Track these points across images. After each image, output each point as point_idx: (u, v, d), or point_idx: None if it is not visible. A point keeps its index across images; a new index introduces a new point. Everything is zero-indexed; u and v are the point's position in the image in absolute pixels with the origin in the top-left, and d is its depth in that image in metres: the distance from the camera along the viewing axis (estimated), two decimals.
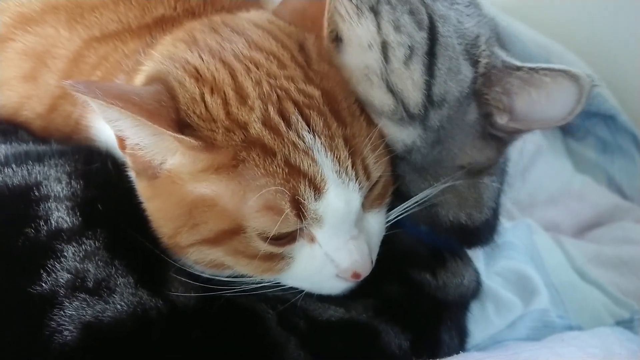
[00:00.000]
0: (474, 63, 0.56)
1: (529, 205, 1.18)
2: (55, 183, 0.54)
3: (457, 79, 0.56)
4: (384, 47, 0.55)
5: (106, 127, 0.62)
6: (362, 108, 0.55)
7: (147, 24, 0.63)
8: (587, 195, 1.21)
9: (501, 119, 0.57)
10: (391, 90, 0.55)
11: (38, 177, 0.55)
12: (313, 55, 0.53)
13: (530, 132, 0.59)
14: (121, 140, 0.50)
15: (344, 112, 0.51)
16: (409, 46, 0.55)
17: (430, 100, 0.55)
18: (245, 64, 0.50)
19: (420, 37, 0.55)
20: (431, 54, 0.55)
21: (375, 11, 0.56)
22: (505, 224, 0.76)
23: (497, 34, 0.60)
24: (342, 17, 0.57)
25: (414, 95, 0.55)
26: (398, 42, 0.55)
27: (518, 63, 0.55)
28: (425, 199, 0.57)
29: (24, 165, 0.56)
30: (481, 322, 0.79)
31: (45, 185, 0.54)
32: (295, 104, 0.49)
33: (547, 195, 1.21)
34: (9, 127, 0.67)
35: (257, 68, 0.50)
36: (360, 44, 0.56)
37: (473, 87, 0.56)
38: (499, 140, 0.59)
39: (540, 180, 1.23)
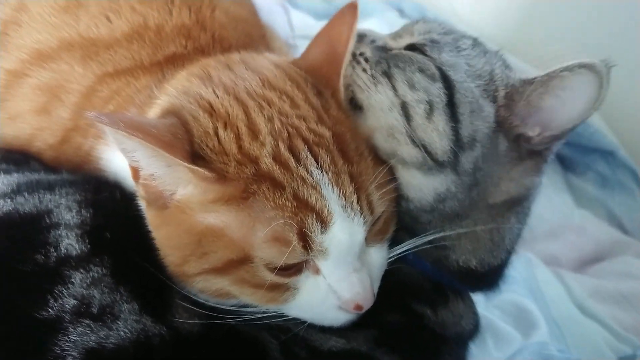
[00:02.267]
0: (493, 98, 0.59)
1: (529, 239, 1.17)
2: (66, 211, 0.56)
3: (482, 117, 0.58)
4: (404, 107, 0.58)
5: (115, 158, 0.65)
6: (370, 150, 0.57)
7: (159, 61, 0.66)
8: (587, 230, 1.21)
9: (533, 132, 0.58)
10: (417, 144, 0.57)
11: (49, 205, 0.56)
12: (331, 103, 0.56)
13: (565, 137, 0.59)
14: (135, 171, 0.51)
15: (351, 152, 0.53)
16: (427, 101, 0.58)
17: (459, 145, 0.57)
18: (258, 102, 0.52)
19: (437, 89, 0.58)
20: (451, 103, 0.57)
21: (388, 75, 0.60)
22: None
23: (504, 60, 0.63)
24: (360, 87, 0.60)
25: (441, 144, 0.57)
26: (416, 100, 0.58)
27: (534, 75, 0.57)
28: (437, 238, 0.58)
29: (35, 194, 0.57)
30: (481, 355, 0.79)
31: (56, 213, 0.55)
32: (305, 141, 0.51)
33: (548, 229, 1.22)
34: (21, 157, 0.68)
35: (270, 106, 0.52)
36: (381, 108, 0.59)
37: (497, 119, 0.58)
38: (537, 157, 0.60)
39: (540, 214, 1.22)
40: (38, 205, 0.56)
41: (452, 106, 0.57)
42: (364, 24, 1.30)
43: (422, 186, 0.58)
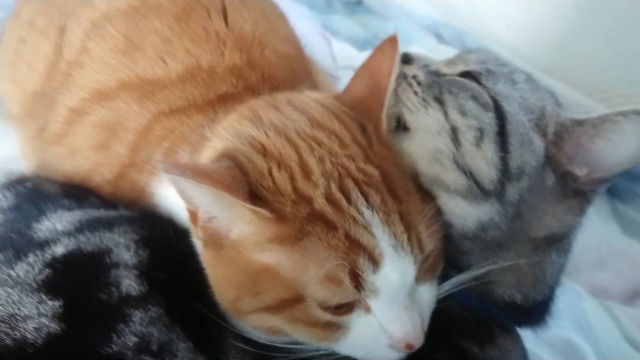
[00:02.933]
0: (544, 133, 0.59)
1: (575, 269, 1.16)
2: (124, 251, 0.58)
3: (532, 150, 0.58)
4: (454, 132, 0.59)
5: (168, 194, 0.67)
6: (418, 187, 0.58)
7: (211, 100, 0.68)
8: (636, 259, 1.18)
9: (581, 171, 0.58)
10: (464, 170, 0.57)
11: (109, 244, 0.58)
12: (373, 139, 0.57)
13: (612, 178, 0.59)
14: (193, 214, 0.53)
15: (400, 190, 0.53)
16: (478, 128, 0.58)
17: (507, 175, 0.57)
18: (309, 142, 0.54)
19: (488, 118, 0.58)
20: (502, 133, 0.57)
21: (440, 101, 0.60)
22: None
23: (556, 98, 0.63)
24: (408, 109, 0.61)
25: (488, 173, 0.57)
26: (467, 126, 0.58)
27: (586, 116, 0.57)
28: (482, 274, 0.58)
29: (97, 232, 0.59)
30: None
31: (116, 253, 0.57)
32: (355, 181, 0.52)
33: (594, 259, 1.19)
34: (81, 192, 0.72)
35: (320, 146, 0.54)
36: (429, 131, 0.60)
37: (546, 154, 0.58)
38: (581, 197, 0.60)
39: (586, 243, 1.19)
40: (99, 244, 0.58)
41: (502, 136, 0.58)
42: (405, 50, 1.31)
43: (465, 214, 0.58)
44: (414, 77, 0.63)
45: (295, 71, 0.76)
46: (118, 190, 0.72)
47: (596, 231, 1.23)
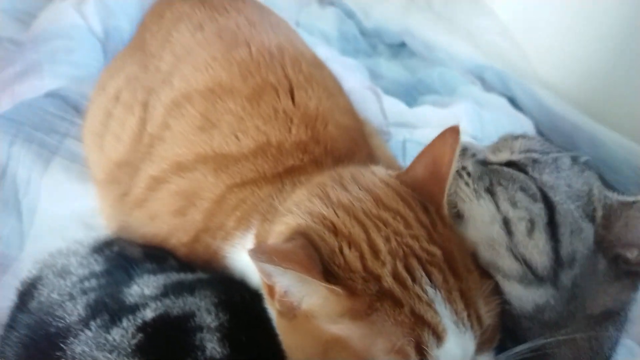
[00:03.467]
0: (592, 219, 0.61)
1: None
2: (206, 314, 0.63)
3: (581, 238, 0.60)
4: (506, 223, 0.62)
5: (239, 258, 0.73)
6: (476, 264, 0.62)
7: (279, 172, 0.74)
8: None
9: (631, 254, 0.60)
10: (517, 258, 0.61)
11: (192, 308, 0.64)
12: (436, 220, 0.61)
13: None
14: (271, 289, 0.59)
15: (460, 268, 0.58)
16: (529, 219, 0.61)
17: (559, 263, 0.60)
18: (375, 222, 0.59)
19: (538, 209, 0.61)
20: (552, 223, 0.60)
21: (491, 192, 0.64)
22: None
23: (602, 179, 0.65)
24: (462, 199, 0.65)
25: (541, 261, 0.60)
26: (518, 217, 0.61)
27: (633, 198, 0.60)
28: (538, 346, 0.60)
29: (180, 296, 0.65)
30: None
31: (198, 316, 0.63)
32: (419, 260, 0.56)
33: None
34: (160, 254, 0.78)
35: (386, 226, 0.58)
36: (483, 220, 0.63)
37: (596, 239, 0.60)
38: (635, 276, 0.61)
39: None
40: (183, 307, 0.64)
41: (552, 226, 0.60)
42: (453, 108, 1.34)
43: (521, 297, 0.61)
44: (464, 168, 0.67)
45: (355, 141, 0.82)
46: (192, 252, 0.78)
47: None
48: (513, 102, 1.57)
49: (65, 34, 1.31)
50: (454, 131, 0.63)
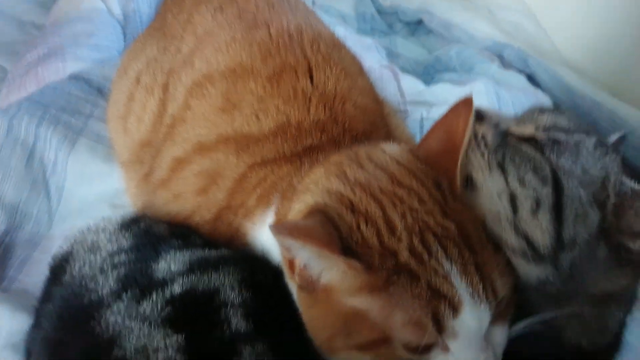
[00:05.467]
0: (602, 205, 0.61)
1: None
2: (230, 290, 0.66)
3: (585, 223, 0.60)
4: (512, 199, 0.62)
5: (260, 235, 0.76)
6: (490, 238, 0.63)
7: (298, 152, 0.76)
8: None
9: (634, 244, 0.60)
10: (521, 234, 0.61)
11: (216, 284, 0.67)
12: (448, 195, 0.62)
13: None
14: (291, 264, 0.61)
15: (475, 242, 0.59)
16: (535, 199, 0.61)
17: (560, 245, 0.60)
18: (391, 198, 0.61)
19: (546, 192, 0.61)
20: (557, 206, 0.60)
21: (502, 168, 0.64)
22: None
23: (623, 163, 0.64)
24: (475, 168, 0.65)
25: (543, 240, 0.61)
26: (525, 196, 0.62)
27: None
28: (549, 318, 0.62)
29: (206, 272, 0.68)
30: None
31: (223, 292, 0.65)
32: (435, 235, 0.58)
33: None
34: (185, 231, 0.81)
35: (401, 202, 0.60)
36: (491, 192, 0.64)
37: (602, 226, 0.60)
38: (637, 265, 0.62)
39: None
40: (209, 283, 0.66)
41: (558, 208, 0.60)
42: (470, 86, 1.34)
43: (525, 270, 0.63)
44: (483, 137, 0.67)
45: (373, 121, 0.83)
46: (215, 230, 0.81)
47: None
48: (532, 79, 1.56)
49: (86, 17, 1.34)
50: (467, 103, 0.64)
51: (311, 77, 0.80)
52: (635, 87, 1.45)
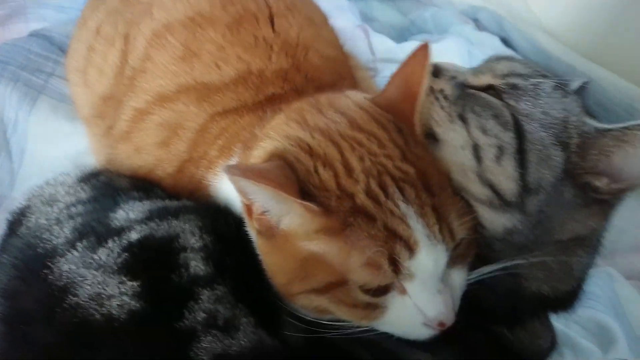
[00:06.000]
0: (565, 145, 0.60)
1: (611, 252, 1.17)
2: (190, 236, 0.65)
3: (549, 165, 0.60)
4: (475, 149, 0.62)
5: (223, 186, 0.75)
6: (450, 182, 0.63)
7: (260, 101, 0.75)
8: None
9: (600, 182, 0.60)
10: (486, 183, 0.61)
11: (176, 230, 0.66)
12: (409, 139, 0.62)
13: (632, 190, 0.60)
14: (249, 208, 0.60)
15: (434, 185, 0.59)
16: (498, 146, 0.61)
17: (526, 189, 0.60)
18: (350, 143, 0.60)
19: (508, 137, 0.60)
20: (521, 151, 0.60)
21: (463, 119, 0.63)
22: None
23: (584, 104, 0.64)
24: (437, 122, 0.65)
25: (508, 187, 0.60)
26: (487, 144, 0.61)
27: (610, 125, 0.59)
28: (510, 266, 0.62)
29: (165, 220, 0.67)
30: None
31: (183, 238, 0.65)
32: (393, 178, 0.58)
33: (631, 243, 1.20)
34: (147, 184, 0.80)
35: (360, 146, 0.59)
36: (454, 145, 0.63)
37: (566, 166, 0.60)
38: (604, 204, 0.62)
39: (623, 227, 1.19)
40: (168, 230, 0.66)
41: (521, 153, 0.60)
42: (442, 43, 1.34)
43: (491, 220, 0.62)
44: (441, 91, 0.66)
45: (337, 72, 0.82)
46: (178, 183, 0.80)
47: (634, 215, 1.23)
48: (507, 44, 1.56)
49: None
50: (423, 49, 0.63)
51: (273, 25, 0.78)
52: (611, 52, 1.46)
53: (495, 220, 0.62)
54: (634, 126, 0.57)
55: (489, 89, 0.65)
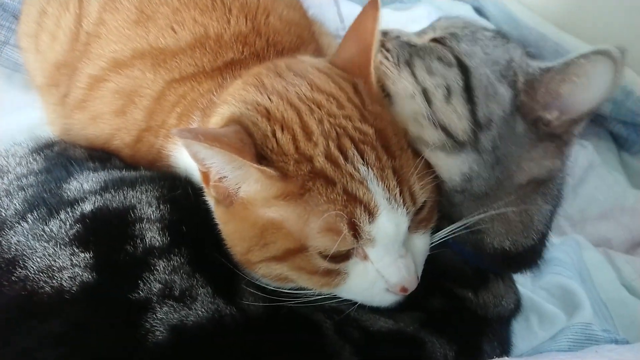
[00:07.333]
0: (512, 83, 0.62)
1: (580, 220, 1.19)
2: (147, 206, 0.63)
3: (497, 101, 0.62)
4: (425, 93, 0.63)
5: (183, 156, 0.72)
6: (409, 143, 0.62)
7: (219, 66, 0.72)
8: None
9: (551, 115, 0.62)
10: (439, 126, 0.62)
11: (132, 201, 0.64)
12: (366, 98, 0.60)
13: (585, 120, 0.62)
14: (206, 176, 0.58)
15: (393, 146, 0.58)
16: (445, 86, 0.62)
17: (477, 125, 0.61)
18: (309, 105, 0.58)
19: (454, 74, 0.62)
20: (468, 87, 0.62)
21: (409, 64, 0.65)
22: (554, 240, 0.79)
23: (527, 52, 0.66)
24: (386, 75, 0.65)
25: (460, 125, 0.62)
26: (435, 85, 0.63)
27: (553, 63, 0.61)
28: (472, 223, 0.62)
29: (120, 191, 0.65)
30: (525, 334, 0.83)
31: (139, 209, 0.63)
32: (352, 140, 0.56)
33: (600, 211, 1.22)
34: (103, 155, 0.77)
35: (319, 108, 0.58)
36: (405, 95, 0.64)
37: (515, 103, 0.62)
38: (558, 140, 0.63)
39: (592, 195, 1.23)
40: (123, 201, 0.64)
41: (468, 90, 0.62)
42: (412, 11, 1.31)
43: (448, 166, 0.63)
44: (387, 48, 0.67)
45: (300, 37, 0.79)
46: (136, 153, 0.77)
47: (603, 183, 1.25)
48: (480, 12, 1.54)
49: None
50: (373, 3, 0.62)
51: None
52: (582, 21, 1.45)
53: (452, 166, 0.62)
54: (577, 57, 0.58)
55: (431, 41, 0.68)
